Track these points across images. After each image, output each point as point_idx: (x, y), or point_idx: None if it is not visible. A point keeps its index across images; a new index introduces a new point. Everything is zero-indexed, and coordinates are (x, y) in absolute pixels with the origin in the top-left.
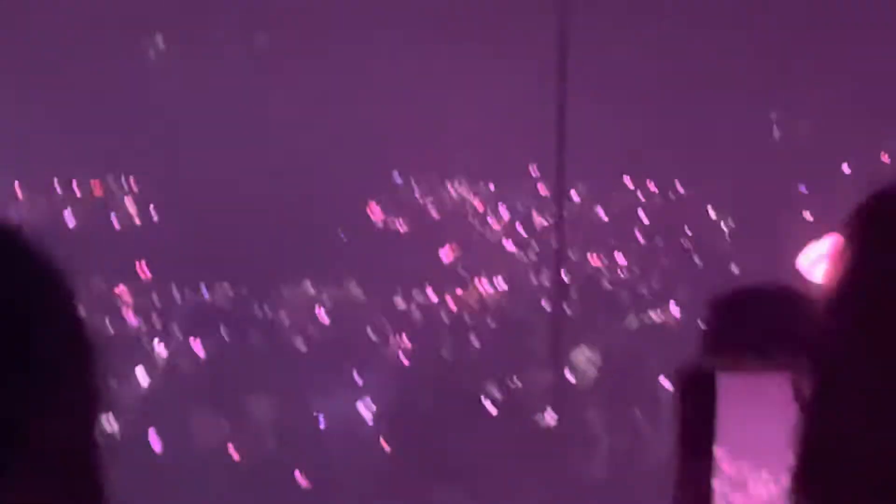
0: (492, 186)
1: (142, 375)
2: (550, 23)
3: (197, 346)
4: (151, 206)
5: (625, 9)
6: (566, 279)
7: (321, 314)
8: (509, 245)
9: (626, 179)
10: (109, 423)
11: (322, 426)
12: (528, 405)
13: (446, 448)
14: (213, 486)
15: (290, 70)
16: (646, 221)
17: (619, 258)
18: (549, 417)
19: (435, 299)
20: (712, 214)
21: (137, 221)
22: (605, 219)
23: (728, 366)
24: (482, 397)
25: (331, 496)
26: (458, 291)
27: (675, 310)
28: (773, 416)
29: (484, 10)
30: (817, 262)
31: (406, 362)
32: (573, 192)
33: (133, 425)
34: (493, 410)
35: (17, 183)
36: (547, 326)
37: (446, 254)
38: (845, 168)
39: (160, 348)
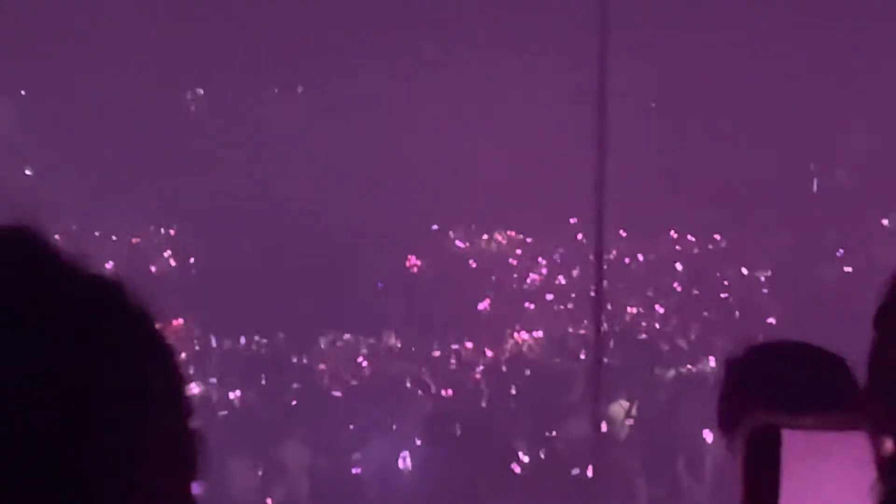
0: (530, 236)
1: None
2: (590, 74)
3: (234, 394)
4: (192, 258)
5: (665, 60)
6: (604, 330)
7: (359, 363)
8: (547, 295)
9: (666, 230)
10: None
11: (358, 475)
12: (565, 456)
13: (483, 498)
14: None
15: (328, 121)
16: (684, 272)
17: (658, 309)
18: (587, 469)
19: (472, 349)
20: (750, 266)
21: (176, 270)
22: (644, 269)
23: (793, 422)
24: (519, 447)
25: None
26: (496, 341)
27: (713, 361)
28: (840, 474)
29: (522, 62)
30: None
31: (443, 412)
32: (612, 243)
33: None
34: (530, 461)
35: (56, 236)
36: (584, 377)
37: (484, 304)
38: (885, 221)
39: (197, 396)
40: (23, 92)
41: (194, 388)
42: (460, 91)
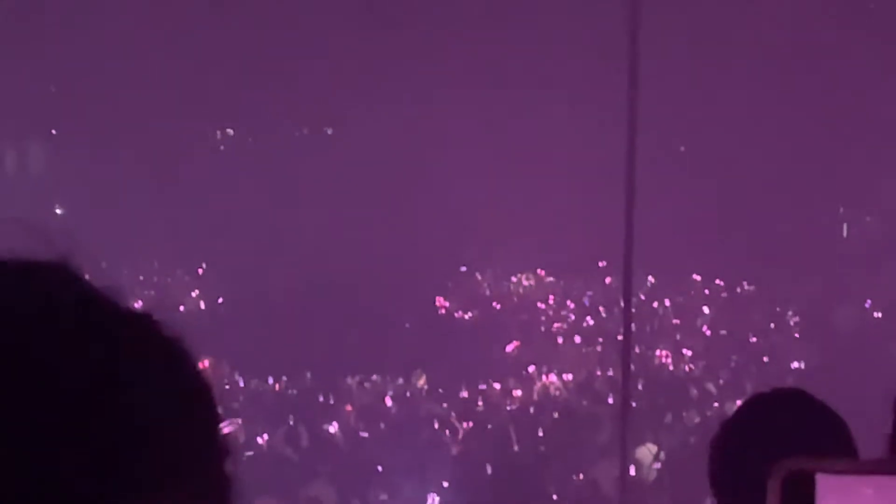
0: (559, 279)
1: None
2: (621, 118)
3: (261, 434)
4: (220, 298)
5: (694, 106)
6: (632, 373)
7: (387, 404)
8: (576, 337)
9: (694, 274)
10: None
11: None
12: (593, 499)
13: None
14: None
15: (356, 163)
16: (712, 316)
17: (686, 352)
18: None
19: (500, 391)
20: (779, 310)
21: (205, 310)
22: (673, 313)
23: (827, 467)
24: (547, 490)
25: None
26: (524, 383)
27: (739, 405)
28: None
29: (553, 108)
30: None
31: (470, 454)
32: (641, 287)
33: None
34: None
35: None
36: (612, 420)
37: (512, 345)
38: None
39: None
40: (53, 131)
41: (225, 428)
42: (490, 135)
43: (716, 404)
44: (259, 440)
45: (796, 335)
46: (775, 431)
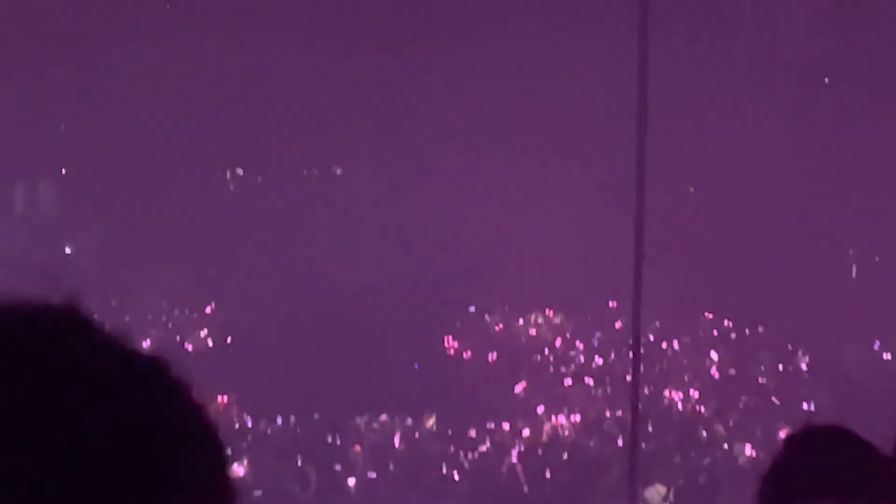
0: (568, 319)
1: None
2: (629, 158)
3: (270, 473)
4: (228, 337)
5: (704, 147)
6: (640, 413)
7: (395, 444)
8: (585, 378)
9: (703, 315)
10: None
11: None
12: None
13: None
14: None
15: (365, 203)
16: (721, 357)
17: (694, 394)
18: None
19: (509, 431)
20: (788, 351)
21: (213, 349)
22: (681, 354)
23: None
24: None
25: None
26: (533, 424)
27: (749, 447)
28: None
29: (560, 147)
30: None
31: (480, 494)
32: (649, 328)
33: None
34: None
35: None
36: (621, 461)
37: (521, 386)
38: None
39: (236, 477)
40: (63, 171)
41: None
42: (498, 175)
43: (725, 445)
44: (267, 479)
45: (806, 376)
46: (823, 470)
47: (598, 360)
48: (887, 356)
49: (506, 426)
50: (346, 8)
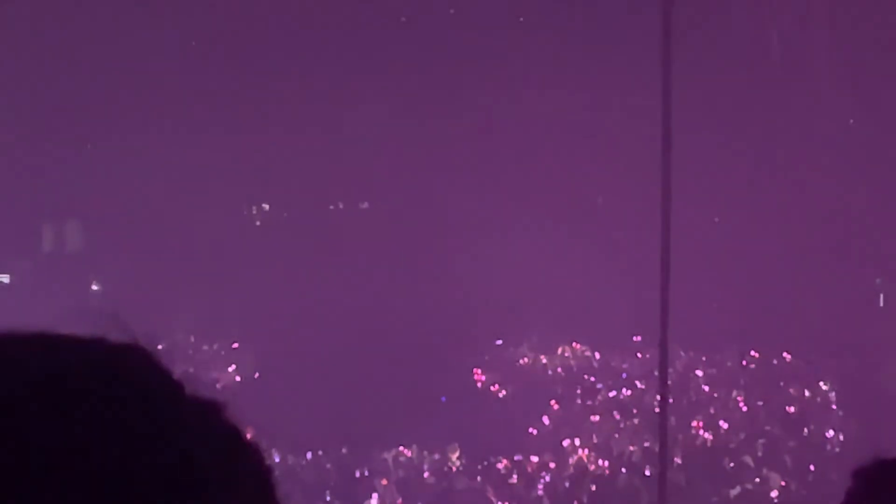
0: (595, 352)
1: None
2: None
3: None
4: (256, 372)
5: (729, 175)
6: (668, 445)
7: (423, 477)
8: (612, 410)
9: (730, 346)
10: None
11: None
12: None
13: None
14: None
15: (392, 237)
16: (749, 388)
17: (722, 424)
18: None
19: (537, 463)
20: (816, 381)
21: (240, 385)
22: (709, 385)
23: None
24: None
25: None
26: (560, 456)
27: (777, 477)
28: None
29: (587, 182)
30: None
31: None
32: (676, 359)
33: None
34: None
35: None
36: (649, 492)
37: (548, 418)
38: None
39: None
40: (90, 208)
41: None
42: (526, 211)
43: (753, 476)
44: None
45: (833, 406)
46: None
47: (626, 392)
48: None
49: (534, 458)
50: (375, 50)
